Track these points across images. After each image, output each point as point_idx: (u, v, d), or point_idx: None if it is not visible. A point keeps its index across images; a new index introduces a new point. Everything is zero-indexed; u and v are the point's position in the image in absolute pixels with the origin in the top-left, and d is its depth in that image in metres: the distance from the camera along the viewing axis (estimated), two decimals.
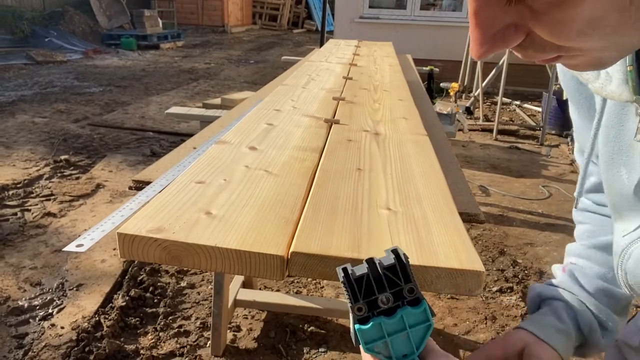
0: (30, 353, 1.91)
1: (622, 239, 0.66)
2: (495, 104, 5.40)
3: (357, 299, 0.53)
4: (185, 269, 2.44)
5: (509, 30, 0.41)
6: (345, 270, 0.53)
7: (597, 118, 0.65)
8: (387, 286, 0.53)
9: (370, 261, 0.53)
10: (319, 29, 9.34)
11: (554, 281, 0.82)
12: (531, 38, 0.41)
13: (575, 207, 0.86)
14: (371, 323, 0.53)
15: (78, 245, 0.75)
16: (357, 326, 0.53)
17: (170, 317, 2.14)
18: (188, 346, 1.97)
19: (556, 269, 0.85)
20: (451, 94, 5.48)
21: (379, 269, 0.53)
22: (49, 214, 3.03)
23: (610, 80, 0.56)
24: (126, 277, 2.39)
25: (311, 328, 2.09)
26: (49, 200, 3.22)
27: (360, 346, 0.53)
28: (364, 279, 0.53)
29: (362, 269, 0.53)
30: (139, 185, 1.13)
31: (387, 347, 0.53)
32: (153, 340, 2.00)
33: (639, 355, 0.82)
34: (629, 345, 0.85)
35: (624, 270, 0.65)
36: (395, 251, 0.54)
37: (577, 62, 0.44)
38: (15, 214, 3.02)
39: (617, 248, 0.67)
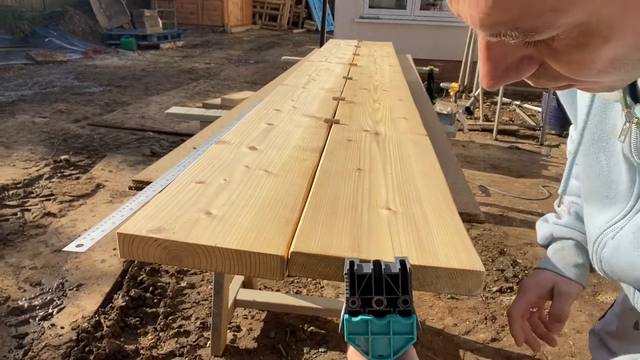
0: (30, 353, 1.91)
1: (596, 228, 0.69)
2: (495, 103, 5.40)
3: (354, 292, 0.56)
4: (185, 269, 2.44)
5: (522, 62, 0.41)
6: (352, 263, 0.56)
7: (587, 109, 0.67)
8: (385, 291, 0.56)
9: (377, 263, 0.56)
10: (319, 29, 9.34)
11: (561, 222, 0.91)
12: (544, 68, 0.41)
13: (558, 206, 0.93)
14: (360, 318, 0.56)
15: (78, 245, 0.75)
16: (346, 316, 0.56)
17: (170, 317, 2.14)
18: (188, 346, 1.97)
19: (561, 210, 0.93)
20: (451, 94, 5.48)
21: (383, 273, 0.56)
22: (49, 214, 3.03)
23: None
24: (126, 277, 2.39)
25: (311, 328, 2.09)
26: (49, 200, 3.22)
27: (344, 334, 0.57)
28: (365, 277, 0.56)
29: (367, 268, 0.56)
30: (139, 185, 1.13)
31: (367, 343, 0.57)
32: (153, 340, 2.00)
33: (617, 339, 0.90)
34: (608, 331, 0.92)
35: (598, 257, 0.69)
36: (403, 262, 0.56)
37: (589, 87, 0.44)
38: (15, 214, 3.02)
39: (591, 236, 0.71)
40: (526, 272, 2.63)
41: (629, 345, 0.88)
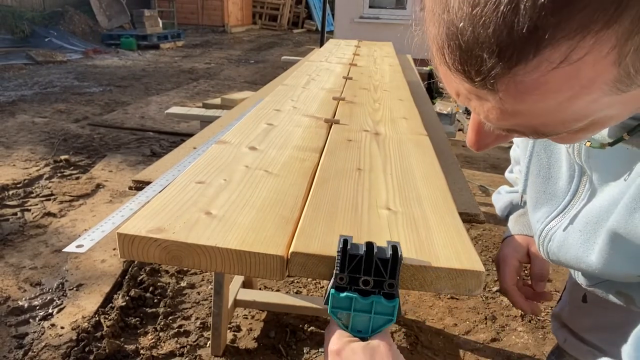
0: (30, 353, 1.91)
1: (536, 222, 0.72)
2: None
3: (343, 269, 0.59)
4: (185, 269, 2.44)
5: (510, 134, 0.45)
6: (346, 242, 0.59)
7: None
8: (374, 273, 0.58)
9: (370, 246, 0.59)
10: (319, 29, 9.33)
11: (517, 189, 0.93)
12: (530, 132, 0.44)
13: (512, 172, 0.99)
14: (345, 294, 0.59)
15: (78, 246, 0.75)
16: (332, 291, 0.59)
17: (170, 317, 2.14)
18: (188, 346, 1.97)
19: (514, 179, 0.98)
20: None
21: (374, 256, 0.58)
22: (49, 214, 3.03)
23: None
24: (126, 277, 2.39)
25: (311, 328, 2.09)
26: (49, 200, 3.22)
27: (327, 307, 0.60)
28: (357, 258, 0.58)
29: (359, 249, 0.59)
30: (139, 185, 1.13)
31: (348, 318, 0.60)
32: (153, 340, 2.00)
33: (571, 315, 0.96)
34: (564, 311, 0.98)
35: (545, 249, 0.74)
36: (395, 247, 0.58)
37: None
38: (15, 214, 3.02)
39: (535, 230, 0.75)
40: (526, 272, 2.63)
41: (580, 318, 0.92)
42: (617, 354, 0.58)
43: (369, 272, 0.58)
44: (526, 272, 0.95)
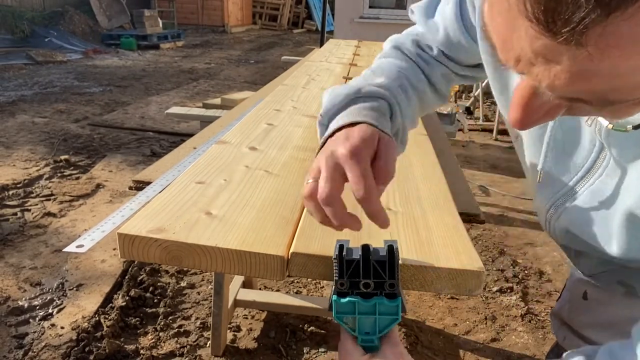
0: (30, 353, 1.91)
1: (548, 199, 0.69)
2: (495, 104, 5.40)
3: (342, 275, 0.58)
4: (185, 269, 2.44)
5: (556, 108, 0.41)
6: (341, 248, 0.58)
7: None
8: (373, 274, 0.58)
9: (366, 249, 0.58)
10: (319, 29, 9.33)
11: (377, 83, 0.74)
12: (574, 107, 0.40)
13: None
14: (347, 299, 0.59)
15: (78, 246, 0.75)
16: (334, 297, 0.59)
17: (170, 317, 2.14)
18: (188, 346, 1.97)
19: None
20: (451, 94, 5.48)
21: (371, 259, 0.58)
22: (49, 214, 3.03)
23: None
24: (126, 277, 2.39)
25: (311, 328, 2.09)
26: (49, 200, 3.22)
27: (333, 314, 0.60)
28: (354, 262, 0.58)
29: (356, 253, 0.58)
30: (139, 186, 1.13)
31: (354, 322, 0.60)
32: (153, 340, 2.00)
33: (571, 313, 0.91)
34: (564, 309, 0.94)
35: (552, 226, 0.71)
36: (390, 247, 0.58)
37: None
38: (15, 214, 3.02)
39: (545, 204, 0.70)
40: (526, 272, 2.63)
41: (581, 315, 0.92)
42: None
43: (368, 275, 0.58)
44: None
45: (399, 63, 0.82)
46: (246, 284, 2.14)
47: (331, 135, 0.64)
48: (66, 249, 0.77)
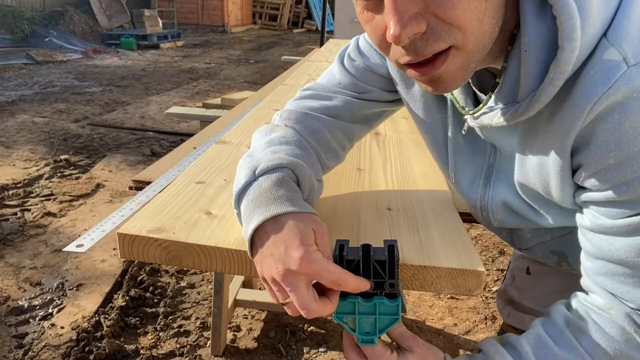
0: (30, 353, 1.91)
1: (476, 194, 0.78)
2: None
3: None
4: (185, 269, 2.44)
5: (417, 17, 0.51)
6: (341, 247, 0.58)
7: (450, 110, 0.76)
8: (373, 274, 0.58)
9: (366, 248, 0.58)
10: (319, 28, 9.33)
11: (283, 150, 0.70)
12: (430, 28, 0.52)
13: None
14: (347, 299, 0.59)
15: (78, 246, 0.76)
16: None
17: (170, 317, 2.14)
18: (188, 346, 1.97)
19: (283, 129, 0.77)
20: None
21: (371, 258, 0.58)
22: (49, 213, 3.03)
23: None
24: (126, 277, 2.39)
25: (311, 328, 2.09)
26: (49, 200, 3.22)
27: (333, 313, 0.60)
28: (354, 262, 0.58)
29: (356, 253, 0.58)
30: (139, 185, 1.13)
31: (354, 321, 0.61)
32: (153, 340, 2.00)
33: (516, 289, 1.03)
34: (509, 287, 1.05)
35: (489, 208, 0.78)
36: (391, 247, 0.58)
37: (453, 65, 0.55)
38: (15, 213, 3.02)
39: (474, 200, 0.78)
40: None
41: (525, 290, 0.98)
42: None
43: (368, 275, 0.58)
44: None
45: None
46: (246, 284, 2.14)
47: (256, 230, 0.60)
48: (66, 249, 0.77)
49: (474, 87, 0.70)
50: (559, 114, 0.57)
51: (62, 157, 3.92)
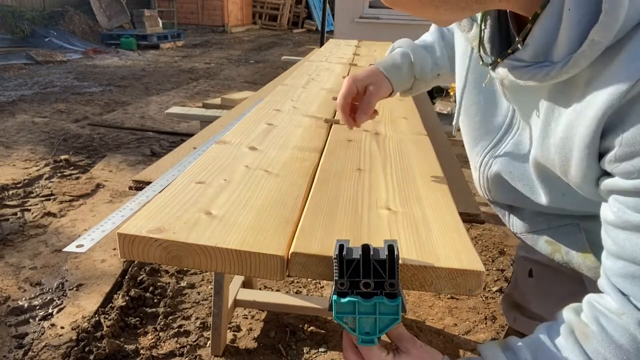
0: (30, 353, 1.91)
1: (476, 155, 0.83)
2: None
3: (342, 275, 0.58)
4: (185, 269, 2.44)
5: None
6: (341, 247, 0.58)
7: (468, 58, 0.80)
8: (373, 274, 0.58)
9: (366, 249, 0.58)
10: (319, 28, 9.33)
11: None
12: None
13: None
14: (347, 299, 0.59)
15: (78, 246, 0.76)
16: (334, 297, 0.59)
17: (170, 317, 2.14)
18: (188, 346, 1.97)
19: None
20: (451, 93, 5.47)
21: (371, 258, 0.58)
22: (49, 213, 3.03)
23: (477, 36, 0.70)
24: (126, 277, 2.39)
25: (311, 328, 2.09)
26: (49, 200, 3.22)
27: (333, 313, 0.60)
28: (354, 262, 0.58)
29: (356, 253, 0.58)
30: (139, 185, 1.13)
31: (354, 321, 0.60)
32: (153, 340, 2.00)
33: (519, 292, 1.01)
34: (514, 290, 1.04)
35: (485, 177, 0.82)
36: (391, 247, 0.58)
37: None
38: (15, 214, 3.02)
39: (475, 162, 0.84)
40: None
41: (528, 293, 0.96)
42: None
43: (368, 275, 0.58)
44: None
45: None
46: (246, 284, 2.14)
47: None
48: (66, 249, 0.77)
49: (513, 32, 0.66)
50: (596, 83, 0.53)
51: (62, 157, 3.92)
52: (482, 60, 0.69)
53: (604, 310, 0.58)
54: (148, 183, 1.09)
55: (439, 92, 5.95)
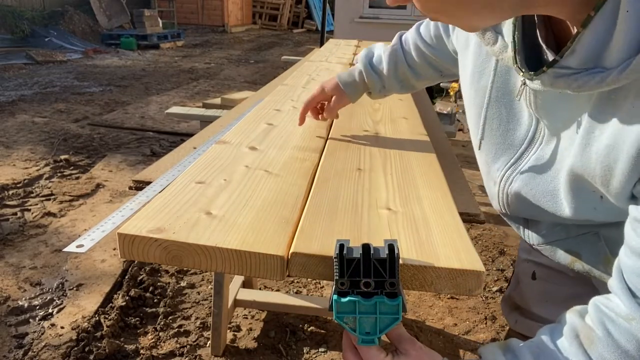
0: (30, 353, 1.91)
1: (497, 170, 0.80)
2: None
3: (342, 274, 0.58)
4: (185, 269, 2.44)
5: None
6: (341, 247, 0.58)
7: (493, 71, 0.77)
8: (373, 274, 0.58)
9: (366, 248, 0.58)
10: (319, 28, 9.33)
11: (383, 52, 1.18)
12: None
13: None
14: (348, 299, 0.59)
15: (78, 246, 0.75)
16: (335, 297, 0.59)
17: (170, 317, 2.14)
18: (188, 346, 1.97)
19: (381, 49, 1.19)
20: (451, 93, 5.47)
21: (371, 258, 0.57)
22: (49, 213, 3.03)
23: (506, 48, 0.67)
24: (126, 277, 2.39)
25: (311, 328, 2.09)
26: (49, 200, 3.22)
27: (333, 313, 0.60)
28: (354, 261, 0.58)
29: (356, 252, 0.58)
30: (139, 185, 1.13)
31: (355, 321, 0.60)
32: (153, 340, 2.00)
33: (521, 295, 0.99)
34: (515, 292, 1.01)
35: (505, 193, 0.80)
36: (391, 246, 0.58)
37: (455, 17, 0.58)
38: (15, 213, 3.02)
39: (495, 177, 0.81)
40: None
41: (531, 296, 0.95)
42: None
43: (368, 274, 0.58)
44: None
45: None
46: (246, 284, 2.14)
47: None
48: (66, 249, 0.77)
49: (541, 41, 0.63)
50: None
51: (62, 157, 3.92)
52: (522, 72, 0.65)
53: (611, 314, 0.57)
54: (148, 183, 1.09)
55: (439, 92, 5.95)
